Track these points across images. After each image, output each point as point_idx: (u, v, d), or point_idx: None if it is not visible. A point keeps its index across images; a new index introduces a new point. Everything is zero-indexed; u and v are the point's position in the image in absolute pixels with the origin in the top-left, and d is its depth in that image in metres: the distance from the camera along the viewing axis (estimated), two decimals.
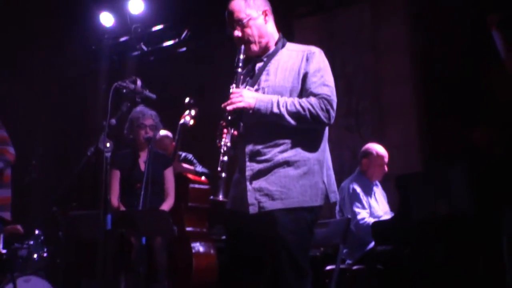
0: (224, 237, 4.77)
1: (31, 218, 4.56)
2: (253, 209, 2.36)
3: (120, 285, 4.04)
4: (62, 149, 6.97)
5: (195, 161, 5.12)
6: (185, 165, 4.88)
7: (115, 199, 4.13)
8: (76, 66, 7.28)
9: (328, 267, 4.14)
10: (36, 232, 4.79)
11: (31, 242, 4.74)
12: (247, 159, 2.41)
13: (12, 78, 6.51)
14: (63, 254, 5.10)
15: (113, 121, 2.76)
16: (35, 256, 4.74)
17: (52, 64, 6.95)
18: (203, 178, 4.81)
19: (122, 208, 4.09)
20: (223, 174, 2.32)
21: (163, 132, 4.84)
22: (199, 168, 5.02)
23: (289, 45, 2.57)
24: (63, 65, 7.06)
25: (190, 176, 4.70)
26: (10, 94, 6.07)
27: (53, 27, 6.87)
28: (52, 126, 6.94)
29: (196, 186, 4.65)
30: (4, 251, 4.65)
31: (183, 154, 5.04)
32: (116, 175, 4.22)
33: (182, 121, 4.64)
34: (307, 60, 2.45)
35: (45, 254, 4.83)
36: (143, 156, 4.24)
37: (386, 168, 4.44)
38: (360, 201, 4.21)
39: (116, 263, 4.02)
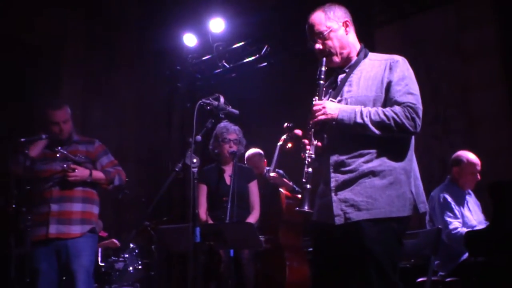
0: (310, 248, 4.76)
1: (125, 233, 4.78)
2: (339, 220, 2.35)
3: None
4: (151, 166, 7.27)
5: (286, 177, 5.19)
6: (285, 180, 4.97)
7: (203, 213, 4.24)
8: (163, 87, 7.59)
9: (419, 279, 4.02)
10: (131, 245, 5.01)
11: (127, 255, 4.96)
12: (331, 170, 2.40)
13: (105, 101, 6.90)
14: (157, 267, 5.30)
15: (199, 137, 2.84)
16: (131, 268, 4.95)
17: (141, 86, 7.30)
18: (299, 196, 4.87)
19: (210, 221, 4.20)
20: (308, 185, 2.34)
21: (253, 150, 4.98)
22: (295, 187, 5.10)
23: (371, 55, 2.55)
24: (151, 86, 7.40)
25: (285, 192, 4.77)
26: (104, 116, 6.43)
27: (140, 51, 7.23)
28: (142, 144, 7.27)
29: (291, 201, 4.72)
30: (102, 264, 4.91)
31: (276, 170, 5.12)
32: (203, 189, 4.33)
33: (280, 143, 4.92)
34: (390, 69, 2.42)
35: (139, 267, 5.03)
36: (228, 170, 4.34)
37: (478, 176, 4.25)
38: (452, 211, 4.06)
39: (206, 275, 4.12)
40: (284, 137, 4.96)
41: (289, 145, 4.97)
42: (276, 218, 4.52)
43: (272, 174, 4.76)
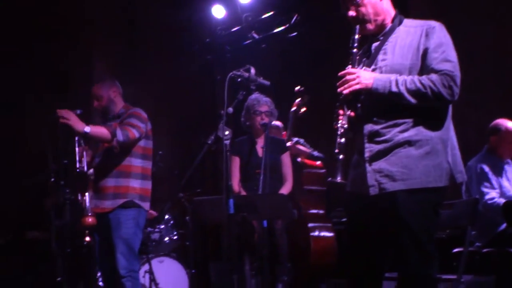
0: (344, 219, 4.76)
1: (160, 204, 4.86)
2: (373, 191, 2.33)
3: (245, 267, 4.20)
4: (184, 139, 7.33)
5: (307, 145, 5.15)
6: (301, 147, 4.92)
7: (236, 184, 4.27)
8: (193, 60, 7.58)
9: (456, 250, 3.98)
10: (166, 217, 5.09)
11: (162, 226, 5.05)
12: (365, 140, 2.37)
13: (137, 77, 6.95)
14: (192, 237, 5.39)
15: (230, 109, 2.84)
16: (166, 239, 5.05)
17: (171, 60, 7.31)
18: (318, 162, 4.84)
19: (243, 193, 4.23)
20: (341, 156, 2.31)
21: (274, 122, 4.94)
22: (315, 153, 5.05)
23: (407, 22, 2.47)
24: (181, 60, 7.40)
25: (305, 161, 4.75)
26: (137, 93, 6.49)
27: (169, 25, 7.21)
28: (175, 118, 7.32)
29: (311, 170, 4.70)
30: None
31: (295, 139, 5.09)
32: (236, 161, 4.36)
33: (293, 108, 4.83)
34: (426, 35, 2.35)
35: (175, 237, 5.13)
36: (260, 142, 4.35)
37: None
38: (489, 181, 4.00)
39: (240, 246, 4.17)
40: (296, 101, 4.85)
41: (303, 109, 4.88)
42: (296, 189, 4.53)
43: (288, 143, 4.72)
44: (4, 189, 6.14)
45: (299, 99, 4.86)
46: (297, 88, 4.86)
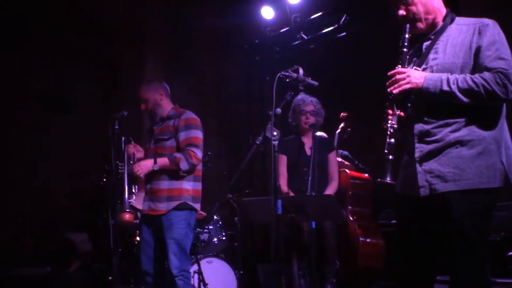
0: (393, 221, 4.70)
1: (209, 205, 4.93)
2: (424, 192, 2.29)
3: (293, 268, 4.20)
4: (232, 140, 7.40)
5: (352, 157, 5.19)
6: (346, 162, 5.00)
7: (284, 184, 4.29)
8: (242, 61, 7.65)
9: (511, 253, 3.86)
10: (215, 217, 5.14)
11: (211, 227, 5.10)
12: (416, 140, 2.34)
13: (186, 78, 7.08)
14: (240, 238, 5.42)
15: (278, 110, 2.85)
16: (215, 239, 5.10)
17: (220, 61, 7.41)
18: (366, 175, 4.87)
19: (291, 193, 4.24)
20: (390, 156, 2.29)
21: (319, 133, 4.99)
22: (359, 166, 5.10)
23: (459, 20, 2.42)
24: (230, 60, 7.49)
25: (350, 171, 4.78)
26: (187, 94, 6.61)
27: (219, 26, 7.31)
28: (223, 118, 7.41)
29: (358, 181, 4.74)
30: None
31: (340, 152, 5.12)
32: (284, 160, 4.38)
33: (338, 131, 5.02)
34: (479, 33, 2.29)
35: (223, 238, 5.17)
36: (307, 142, 4.38)
37: None
38: None
39: (288, 246, 4.18)
40: (342, 125, 5.04)
41: (347, 134, 5.06)
42: (344, 194, 4.57)
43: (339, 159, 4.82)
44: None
45: (343, 123, 5.05)
46: (342, 114, 5.09)
